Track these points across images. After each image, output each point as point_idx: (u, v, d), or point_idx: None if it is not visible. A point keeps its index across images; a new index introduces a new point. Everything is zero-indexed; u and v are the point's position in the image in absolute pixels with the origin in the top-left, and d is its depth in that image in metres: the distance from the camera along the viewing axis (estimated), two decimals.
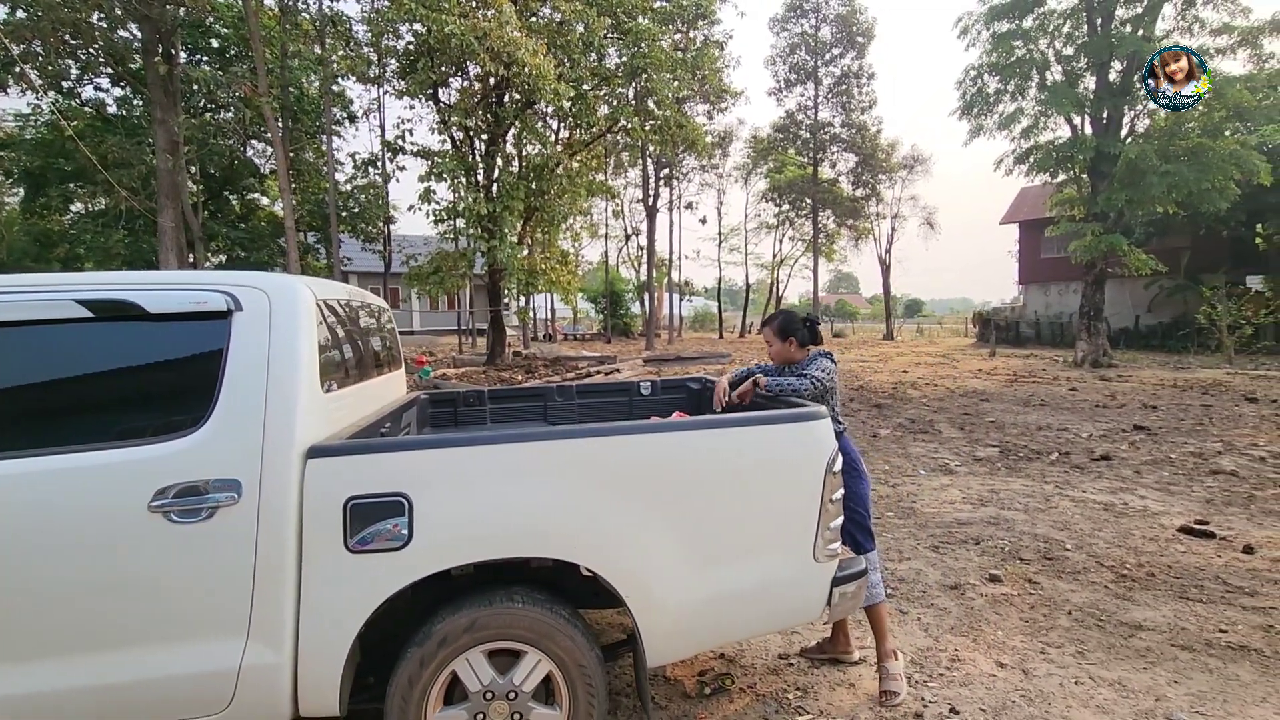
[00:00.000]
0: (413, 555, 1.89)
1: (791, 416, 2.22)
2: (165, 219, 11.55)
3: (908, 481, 6.04)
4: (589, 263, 43.60)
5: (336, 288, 2.53)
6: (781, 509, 2.19)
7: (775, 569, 2.19)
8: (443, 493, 1.93)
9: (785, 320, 2.95)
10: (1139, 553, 4.18)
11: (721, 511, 2.14)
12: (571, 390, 3.68)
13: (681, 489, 2.10)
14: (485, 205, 13.37)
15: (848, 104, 31.69)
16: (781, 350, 2.93)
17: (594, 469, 2.04)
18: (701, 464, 2.12)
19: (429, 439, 2.07)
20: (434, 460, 1.96)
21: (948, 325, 46.18)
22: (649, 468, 2.08)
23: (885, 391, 12.20)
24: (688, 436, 2.14)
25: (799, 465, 2.19)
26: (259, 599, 1.85)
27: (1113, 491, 5.59)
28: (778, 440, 2.20)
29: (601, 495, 2.03)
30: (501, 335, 16.77)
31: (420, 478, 1.92)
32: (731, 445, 2.16)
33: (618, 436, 2.09)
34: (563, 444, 2.03)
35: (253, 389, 1.92)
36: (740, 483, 2.16)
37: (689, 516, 2.10)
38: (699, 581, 2.11)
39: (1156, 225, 21.29)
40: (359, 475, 1.90)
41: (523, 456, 2.00)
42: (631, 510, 2.04)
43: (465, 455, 1.98)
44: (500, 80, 13.48)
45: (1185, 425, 8.47)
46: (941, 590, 3.67)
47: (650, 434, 2.13)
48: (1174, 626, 3.19)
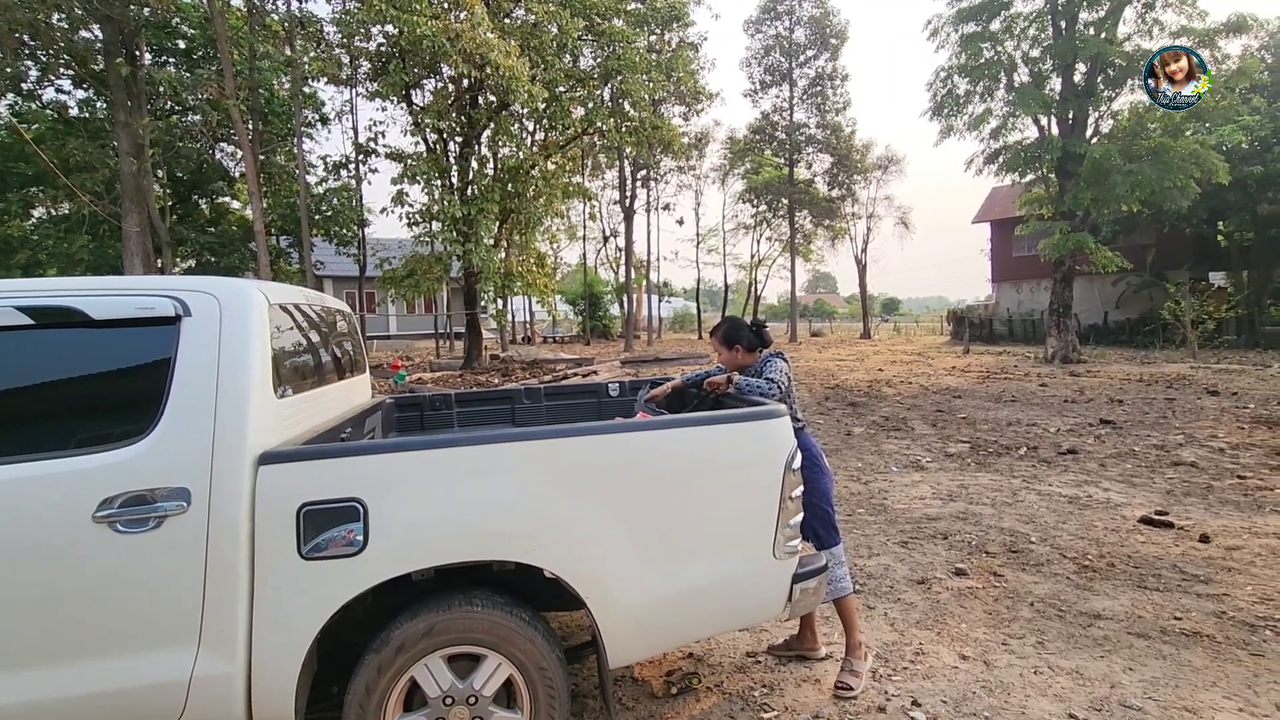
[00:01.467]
0: (368, 561, 1.87)
1: (750, 415, 2.24)
2: (130, 223, 11.30)
3: (879, 478, 6.11)
4: (568, 265, 43.59)
5: (293, 291, 2.50)
6: (741, 507, 2.21)
7: (735, 567, 2.20)
8: (398, 497, 1.91)
9: (730, 329, 2.99)
10: (1100, 544, 4.28)
11: (682, 511, 2.15)
12: (539, 393, 3.67)
13: (642, 489, 2.11)
14: (460, 208, 13.29)
15: (822, 105, 32.01)
16: (730, 358, 2.97)
17: (553, 470, 2.04)
18: (662, 463, 2.14)
19: (384, 443, 2.06)
20: (389, 464, 1.94)
21: (923, 323, 46.83)
22: (609, 468, 2.09)
23: (861, 390, 12.33)
24: (648, 436, 2.16)
25: (758, 463, 2.21)
26: (210, 608, 1.82)
27: (1078, 485, 5.71)
28: (737, 439, 2.21)
29: (561, 496, 2.03)
30: (478, 339, 16.67)
31: (375, 482, 1.91)
32: (691, 444, 2.17)
33: (576, 438, 2.09)
34: (520, 445, 2.03)
35: (202, 396, 1.89)
36: (700, 482, 2.17)
37: (649, 516, 2.11)
38: (659, 581, 2.12)
39: (1123, 224, 21.81)
40: (312, 481, 1.88)
41: (480, 459, 2.00)
42: (591, 511, 2.05)
43: (421, 459, 1.96)
44: (474, 82, 13.41)
45: (1150, 419, 8.68)
46: (909, 585, 3.72)
47: (610, 434, 2.13)
48: (1131, 615, 3.27)
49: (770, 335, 3.03)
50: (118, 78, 11.48)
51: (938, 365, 17.01)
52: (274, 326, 2.14)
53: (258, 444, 1.90)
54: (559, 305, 44.68)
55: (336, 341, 2.93)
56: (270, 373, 2.03)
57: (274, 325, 2.14)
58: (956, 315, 30.58)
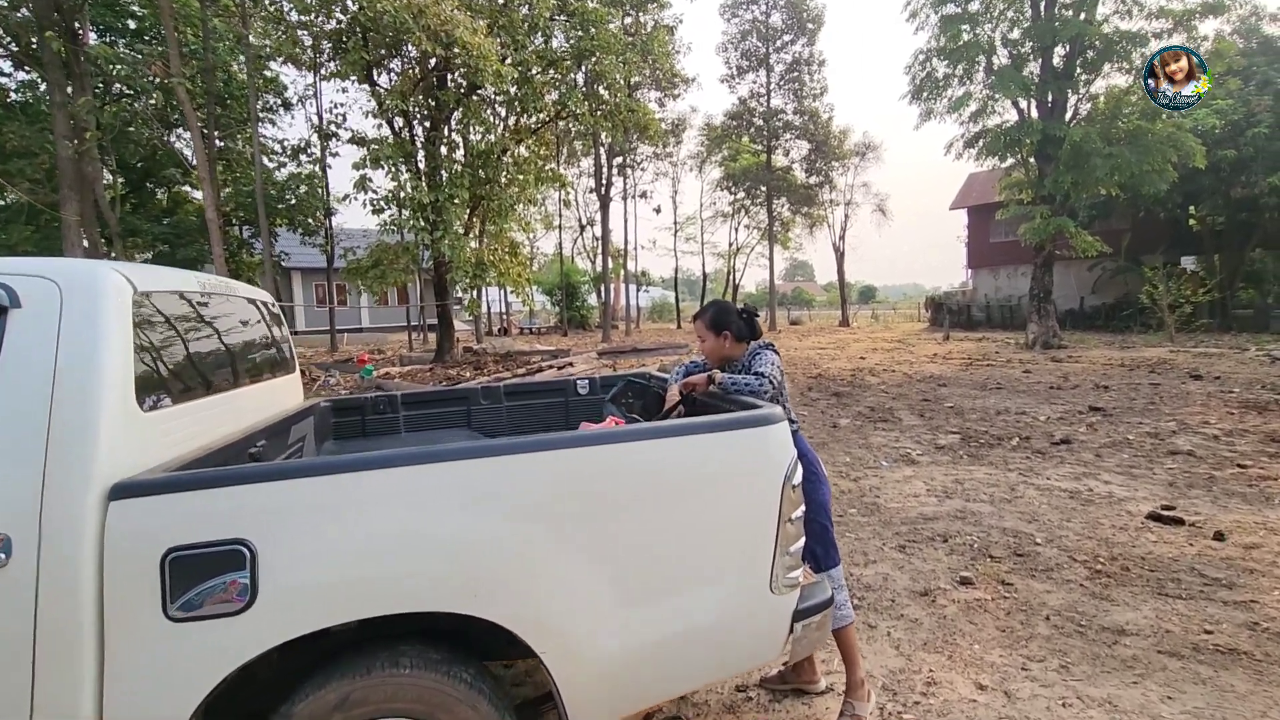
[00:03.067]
0: (257, 621, 1.45)
1: (743, 421, 1.85)
2: (68, 211, 10.55)
3: (870, 474, 5.79)
4: (545, 255, 42.89)
5: (179, 276, 2.05)
6: (732, 533, 1.82)
7: (725, 605, 1.82)
8: (298, 536, 1.49)
9: (718, 312, 2.57)
10: (1110, 544, 3.98)
11: (660, 539, 1.76)
12: (498, 392, 3.25)
13: (609, 514, 1.71)
14: (427, 194, 12.70)
15: (800, 91, 31.65)
16: (715, 346, 2.55)
17: (500, 495, 1.63)
18: (634, 482, 1.74)
19: (278, 466, 1.63)
20: (286, 493, 1.52)
21: (901, 310, 47.00)
22: (570, 490, 1.69)
23: (844, 379, 12.06)
24: (618, 450, 1.75)
25: (752, 480, 1.83)
26: (41, 686, 1.39)
27: (1076, 478, 5.44)
28: (726, 450, 1.82)
29: (510, 528, 1.62)
30: (450, 331, 16.11)
31: (266, 518, 1.48)
32: (670, 458, 1.78)
33: (529, 454, 1.68)
34: (458, 466, 1.61)
35: (29, 411, 1.45)
36: (682, 503, 1.78)
37: (620, 547, 1.72)
38: (633, 625, 1.73)
39: (1099, 208, 21.81)
40: (181, 519, 1.45)
41: (406, 483, 1.58)
42: (548, 544, 1.65)
43: (328, 486, 1.54)
44: (440, 62, 12.80)
45: (1138, 405, 8.49)
46: (911, 597, 3.38)
47: (571, 449, 1.72)
48: (1157, 629, 2.96)
49: (760, 325, 2.64)
50: (52, 56, 10.70)
51: (919, 352, 16.84)
52: (142, 319, 1.70)
53: (110, 472, 1.47)
54: (536, 296, 44.08)
55: (250, 337, 2.48)
56: (131, 378, 1.59)
57: (142, 318, 1.70)
58: (935, 302, 30.60)
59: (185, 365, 1.94)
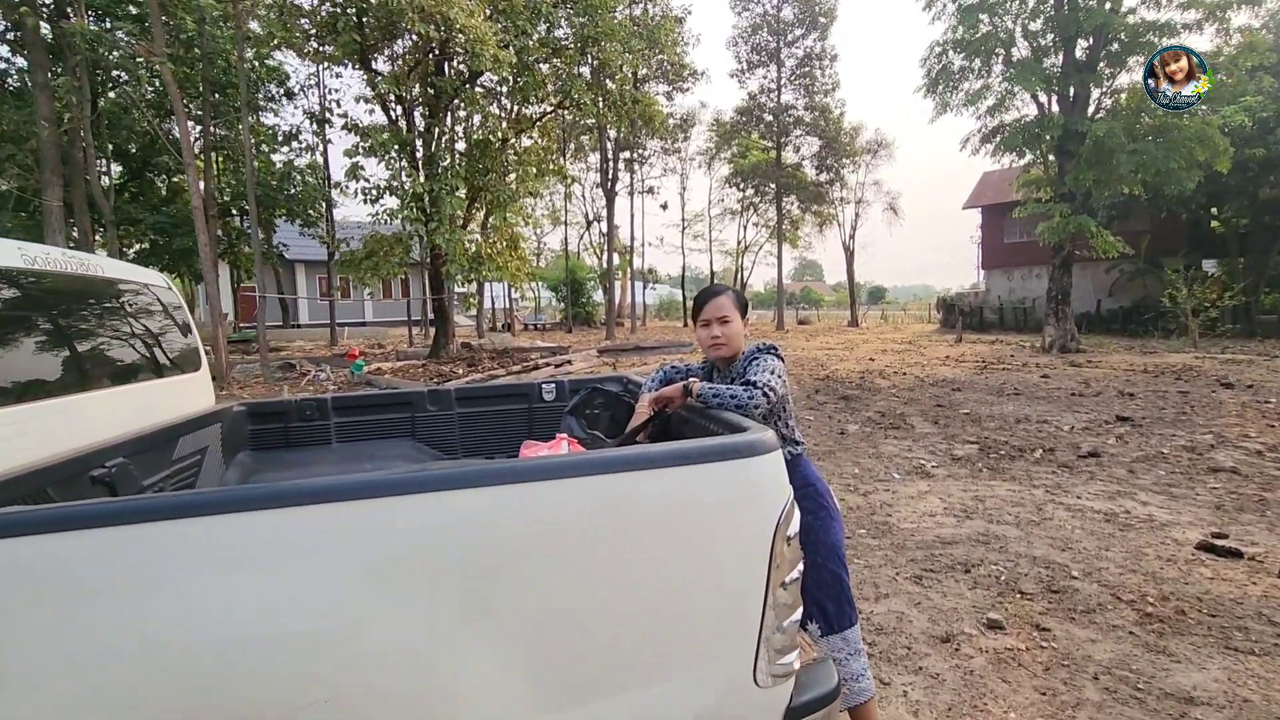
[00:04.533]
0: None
1: (717, 451, 1.36)
2: (51, 196, 10.17)
3: (881, 488, 5.28)
4: (551, 250, 42.47)
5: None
6: (700, 605, 1.33)
7: (689, 705, 1.33)
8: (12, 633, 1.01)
9: (738, 292, 2.13)
10: (1159, 580, 3.47)
11: (596, 616, 1.27)
12: (448, 397, 2.77)
13: (522, 582, 1.22)
14: (422, 184, 12.24)
15: (811, 86, 31.04)
16: (739, 331, 2.03)
17: (367, 558, 1.14)
18: (561, 538, 1.25)
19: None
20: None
21: (911, 311, 46.31)
22: (467, 546, 1.20)
23: (853, 381, 11.53)
24: (545, 491, 1.26)
25: (729, 530, 1.34)
26: None
27: (1110, 497, 4.91)
28: (693, 491, 1.33)
29: (369, 608, 1.13)
30: (446, 326, 15.66)
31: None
32: (614, 502, 1.28)
33: (414, 496, 1.19)
34: (283, 517, 1.11)
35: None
36: (629, 565, 1.29)
37: (539, 628, 1.23)
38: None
39: (1118, 208, 21.11)
40: None
41: (202, 542, 1.08)
42: (428, 628, 1.16)
43: (54, 551, 1.04)
44: (439, 45, 12.33)
45: (1168, 415, 7.93)
46: (931, 644, 2.88)
47: (468, 489, 1.22)
48: (1232, 697, 2.45)
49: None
50: (35, 36, 10.31)
51: (930, 354, 16.26)
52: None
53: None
54: (542, 292, 43.67)
55: (117, 327, 2.01)
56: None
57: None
58: (946, 303, 29.92)
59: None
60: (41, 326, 1.69)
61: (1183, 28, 14.15)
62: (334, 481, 1.16)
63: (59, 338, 1.74)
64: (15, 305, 1.60)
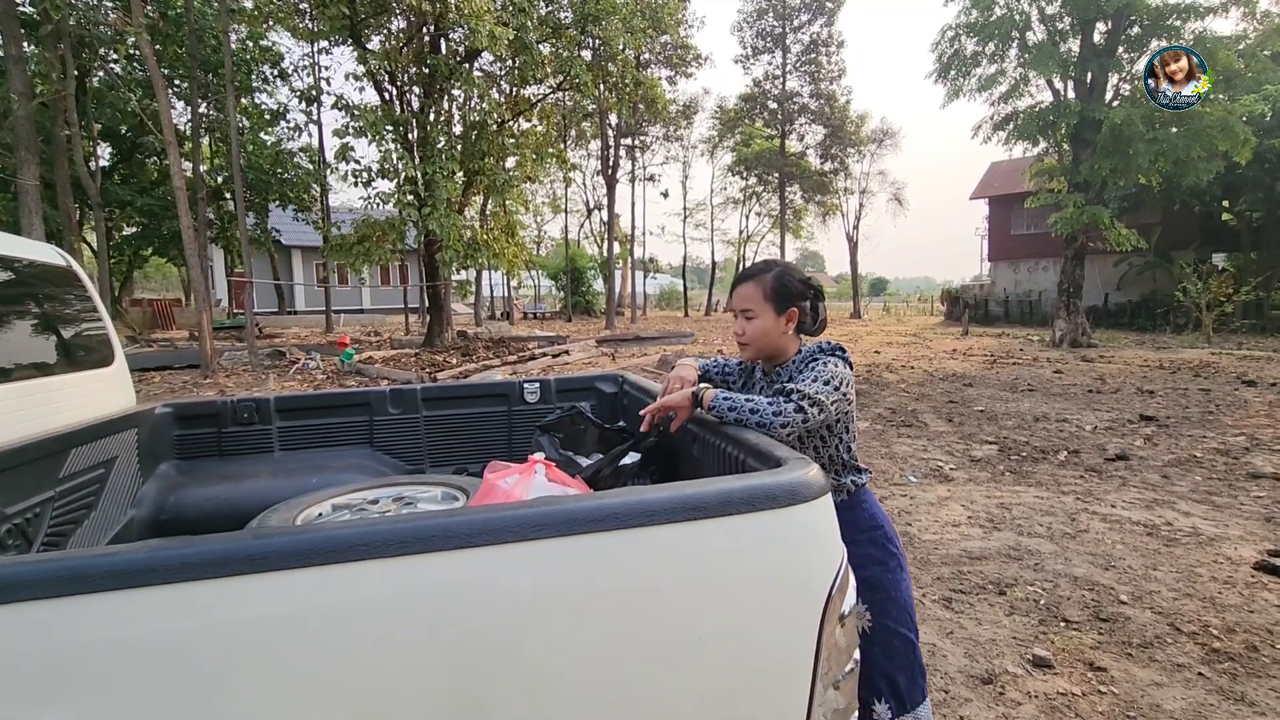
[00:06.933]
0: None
1: (741, 497, 0.95)
2: (26, 174, 9.73)
3: (898, 493, 4.90)
4: (552, 238, 41.93)
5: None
6: (722, 708, 0.94)
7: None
8: None
9: (783, 276, 1.58)
10: (1219, 606, 3.09)
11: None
12: (413, 398, 2.37)
13: (482, 690, 0.83)
14: (415, 166, 11.79)
15: (816, 73, 30.46)
16: (770, 330, 1.55)
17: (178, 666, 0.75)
18: (529, 625, 0.85)
19: None
20: None
21: (913, 304, 45.89)
22: (383, 640, 0.81)
23: (860, 375, 11.13)
24: (500, 558, 0.86)
25: (756, 615, 0.94)
26: None
27: (1147, 506, 4.53)
28: (704, 557, 0.93)
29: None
30: (441, 314, 15.24)
31: None
32: (573, 584, 0.88)
33: (295, 572, 0.79)
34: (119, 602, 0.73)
35: None
36: (625, 665, 0.90)
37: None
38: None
39: (1130, 200, 20.63)
40: None
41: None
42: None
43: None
44: (433, 19, 11.83)
45: (1193, 414, 7.54)
46: (971, 687, 2.50)
47: (400, 557, 0.83)
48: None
49: (826, 317, 1.70)
50: (9, 5, 9.84)
51: (937, 348, 15.87)
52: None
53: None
54: (542, 281, 43.20)
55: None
56: None
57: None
58: (952, 295, 29.47)
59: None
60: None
61: (1206, 11, 13.63)
62: (214, 544, 0.76)
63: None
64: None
